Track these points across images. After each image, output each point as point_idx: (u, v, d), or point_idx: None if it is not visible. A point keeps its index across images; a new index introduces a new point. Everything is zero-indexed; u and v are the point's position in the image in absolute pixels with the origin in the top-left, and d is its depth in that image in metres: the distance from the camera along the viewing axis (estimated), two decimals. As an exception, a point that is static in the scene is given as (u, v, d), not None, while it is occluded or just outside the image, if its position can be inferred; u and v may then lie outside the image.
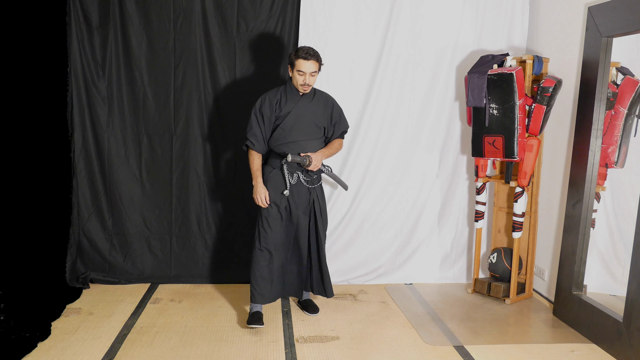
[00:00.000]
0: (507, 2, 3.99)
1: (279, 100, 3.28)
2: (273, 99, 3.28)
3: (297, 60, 3.16)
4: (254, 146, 3.27)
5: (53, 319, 3.33)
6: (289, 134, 3.27)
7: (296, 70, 3.18)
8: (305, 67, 3.16)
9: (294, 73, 3.22)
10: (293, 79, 3.25)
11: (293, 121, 3.27)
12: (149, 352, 2.95)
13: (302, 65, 3.16)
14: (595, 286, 3.45)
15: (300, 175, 3.32)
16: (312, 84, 3.24)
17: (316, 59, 3.18)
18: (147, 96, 3.93)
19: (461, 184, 4.15)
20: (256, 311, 3.34)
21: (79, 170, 3.92)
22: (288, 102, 3.28)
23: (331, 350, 3.02)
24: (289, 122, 3.27)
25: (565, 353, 3.05)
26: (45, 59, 3.72)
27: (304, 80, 3.19)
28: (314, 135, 3.34)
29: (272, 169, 3.33)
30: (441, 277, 4.18)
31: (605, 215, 3.43)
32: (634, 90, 3.26)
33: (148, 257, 4.04)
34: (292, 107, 3.27)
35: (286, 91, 3.30)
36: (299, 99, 3.29)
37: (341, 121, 3.46)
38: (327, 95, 3.45)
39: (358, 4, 3.89)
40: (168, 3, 3.86)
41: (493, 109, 3.56)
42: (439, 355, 3.00)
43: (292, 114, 3.26)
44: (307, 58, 3.15)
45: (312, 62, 3.16)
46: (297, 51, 3.18)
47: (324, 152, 3.33)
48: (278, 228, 3.32)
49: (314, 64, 3.17)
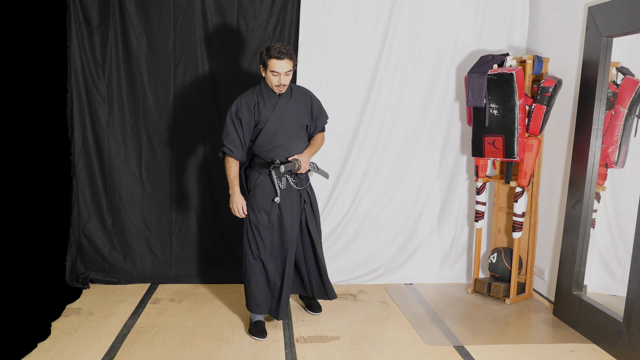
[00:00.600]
0: (507, 2, 3.99)
1: (256, 103, 3.11)
2: (250, 102, 3.10)
3: (270, 60, 2.99)
4: (232, 153, 3.10)
5: (53, 319, 3.33)
6: (272, 138, 3.13)
7: (269, 71, 3.02)
8: (279, 67, 2.99)
9: (267, 74, 3.05)
10: (267, 79, 3.09)
11: (275, 125, 3.13)
12: (149, 352, 2.95)
13: (276, 65, 2.99)
14: (595, 286, 3.45)
15: (289, 178, 3.20)
16: (287, 84, 3.09)
17: (290, 57, 3.01)
18: (147, 96, 3.93)
19: (461, 184, 4.15)
20: (258, 321, 3.23)
21: (79, 170, 3.92)
22: (266, 105, 3.12)
23: (331, 350, 3.02)
24: (271, 127, 3.12)
25: (565, 353, 3.05)
26: (45, 59, 3.72)
27: (278, 80, 3.03)
28: (298, 135, 3.21)
29: (259, 175, 3.19)
30: (441, 277, 4.18)
31: (606, 215, 3.43)
32: (634, 90, 3.26)
33: (148, 257, 4.05)
34: (271, 111, 3.12)
35: (262, 93, 3.13)
36: (277, 100, 3.14)
37: (321, 114, 3.33)
38: (304, 89, 3.33)
39: (358, 4, 3.89)
40: (168, 3, 3.86)
41: (493, 109, 3.56)
42: (439, 355, 3.00)
43: (272, 118, 3.11)
44: (281, 57, 2.98)
45: (286, 61, 3.00)
46: (269, 50, 3.01)
47: (310, 152, 3.21)
48: (270, 236, 3.19)
49: (288, 63, 3.01)
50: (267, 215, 3.18)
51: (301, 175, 3.27)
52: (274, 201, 3.16)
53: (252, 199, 3.21)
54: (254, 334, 3.16)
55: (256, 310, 3.23)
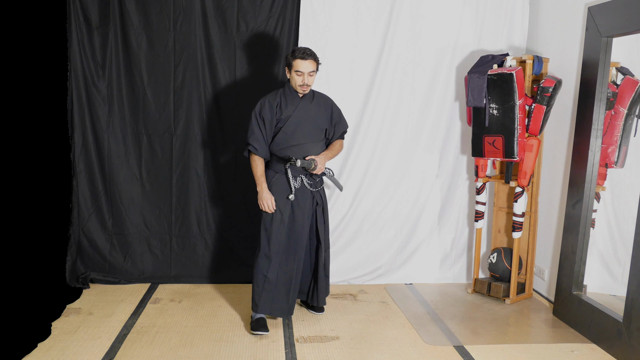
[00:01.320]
0: (507, 2, 3.99)
1: (279, 103, 3.22)
2: (273, 102, 3.22)
3: (295, 60, 3.12)
4: (257, 151, 3.19)
5: (53, 319, 3.33)
6: (291, 137, 3.21)
7: (294, 70, 3.14)
8: (303, 67, 3.12)
9: (291, 74, 3.18)
10: (291, 80, 3.21)
11: (295, 124, 3.22)
12: (149, 352, 2.95)
13: (300, 65, 3.12)
14: (595, 286, 3.45)
15: (304, 179, 3.26)
16: (311, 84, 3.20)
17: (314, 59, 3.15)
18: (147, 96, 3.93)
19: (461, 184, 4.15)
20: (260, 317, 3.26)
21: (79, 170, 3.92)
22: (288, 105, 3.22)
23: (331, 350, 3.02)
24: (290, 125, 3.21)
25: (565, 353, 3.05)
26: (45, 59, 3.72)
27: (302, 80, 3.15)
28: (316, 137, 3.29)
29: (275, 174, 3.26)
30: (441, 277, 4.18)
31: (605, 215, 3.43)
32: (634, 90, 3.26)
33: (148, 257, 4.04)
34: (293, 110, 3.22)
35: (285, 94, 3.24)
36: (299, 101, 3.24)
37: (341, 121, 3.43)
38: (326, 96, 3.42)
39: (358, 4, 3.89)
40: (168, 3, 3.86)
41: (493, 109, 3.56)
42: (439, 355, 3.00)
43: (293, 117, 3.21)
44: (305, 58, 3.11)
45: (310, 61, 3.13)
46: (294, 52, 3.15)
47: (327, 155, 3.29)
48: (281, 234, 3.23)
49: (311, 64, 3.14)
50: (280, 213, 3.23)
51: (316, 177, 3.31)
52: (288, 198, 3.21)
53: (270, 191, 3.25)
54: (257, 329, 3.18)
55: (260, 309, 3.25)
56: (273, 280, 3.25)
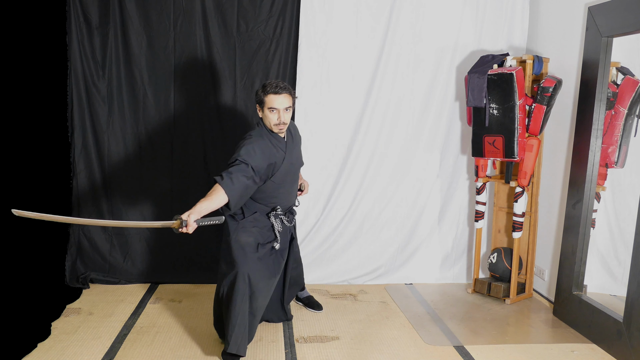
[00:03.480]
0: (507, 2, 3.99)
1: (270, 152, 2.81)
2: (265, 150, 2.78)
3: (267, 96, 2.75)
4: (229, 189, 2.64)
5: (53, 319, 3.33)
6: (279, 185, 2.93)
7: (267, 108, 2.76)
8: (277, 103, 2.74)
9: (264, 112, 2.79)
10: (264, 119, 2.82)
11: (285, 172, 2.91)
12: (149, 352, 2.95)
13: (274, 101, 2.74)
14: (595, 286, 3.45)
15: (283, 219, 3.02)
16: (288, 123, 2.82)
17: (288, 92, 2.78)
18: (147, 96, 3.93)
19: (461, 184, 4.15)
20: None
21: (79, 170, 3.92)
22: (278, 151, 2.86)
23: (331, 350, 3.02)
24: (280, 175, 2.89)
25: (565, 353, 3.05)
26: (45, 59, 3.72)
27: (278, 118, 2.77)
28: (297, 177, 3.09)
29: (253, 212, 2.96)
30: (441, 277, 4.18)
31: (606, 215, 3.43)
32: (634, 90, 3.26)
33: (148, 257, 4.04)
34: (282, 157, 2.86)
35: (270, 139, 2.83)
36: (284, 145, 2.89)
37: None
38: (295, 125, 3.14)
39: (358, 4, 3.89)
40: (168, 3, 3.86)
41: (493, 109, 3.56)
42: (439, 355, 3.00)
43: (284, 165, 2.87)
44: (279, 92, 2.74)
45: (285, 95, 2.76)
46: (265, 87, 2.78)
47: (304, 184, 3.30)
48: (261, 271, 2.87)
49: (287, 98, 2.77)
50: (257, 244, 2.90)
51: (293, 212, 3.16)
52: (274, 247, 2.95)
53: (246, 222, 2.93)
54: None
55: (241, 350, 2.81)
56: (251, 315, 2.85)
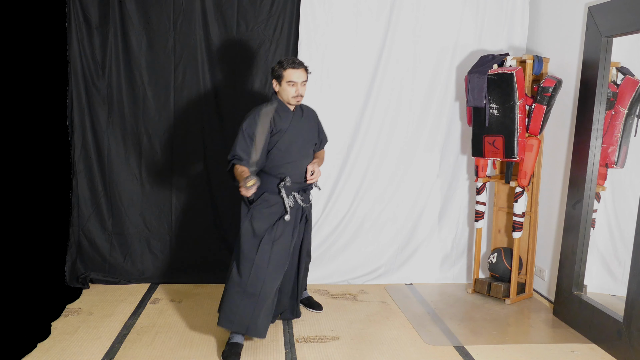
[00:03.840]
0: (507, 2, 3.99)
1: (272, 118, 2.99)
2: (266, 117, 2.96)
3: (286, 70, 2.96)
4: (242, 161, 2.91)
5: (53, 319, 3.33)
6: (285, 154, 3.04)
7: (286, 81, 2.97)
8: (295, 77, 2.96)
9: (282, 86, 2.99)
10: (282, 92, 3.02)
11: (289, 140, 3.04)
12: (149, 352, 2.95)
13: (292, 74, 2.96)
14: (595, 286, 3.45)
15: (296, 196, 3.09)
16: (304, 95, 3.04)
17: (304, 67, 3.01)
18: (147, 96, 3.93)
19: (461, 184, 4.15)
20: (235, 343, 2.94)
21: (78, 170, 3.92)
22: (282, 119, 3.03)
23: (331, 350, 3.02)
24: (285, 142, 3.03)
25: (565, 353, 3.05)
26: (45, 59, 3.72)
27: (296, 91, 2.98)
28: (308, 152, 3.16)
29: (263, 192, 3.04)
30: (441, 277, 4.18)
31: (606, 215, 3.43)
32: (634, 90, 3.26)
33: (148, 257, 4.04)
34: (287, 125, 3.04)
35: (276, 109, 3.03)
36: (291, 115, 3.07)
37: (324, 134, 3.35)
38: (311, 108, 3.30)
39: (358, 4, 3.89)
40: (168, 3, 3.86)
41: (493, 109, 3.56)
42: (439, 355, 3.00)
43: (288, 133, 3.03)
44: (296, 67, 2.97)
45: (302, 70, 2.99)
46: (282, 62, 2.98)
47: (319, 163, 3.18)
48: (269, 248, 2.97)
49: (303, 72, 3.00)
50: (268, 226, 3.01)
51: (308, 191, 3.21)
52: (283, 219, 3.02)
53: (255, 209, 3.02)
54: (227, 357, 2.85)
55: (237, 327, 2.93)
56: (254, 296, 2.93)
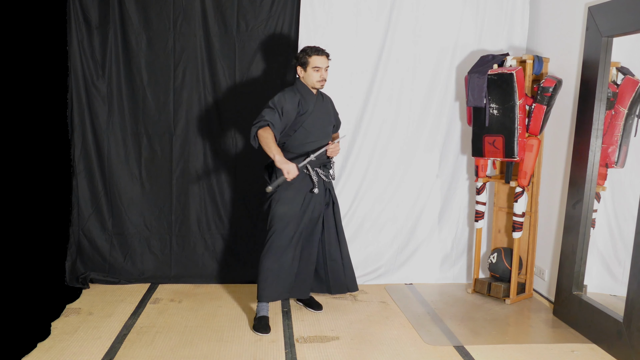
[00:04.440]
0: (507, 2, 3.99)
1: (300, 100, 3.29)
2: (294, 98, 3.27)
3: (311, 57, 3.24)
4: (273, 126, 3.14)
5: (53, 319, 3.33)
6: (309, 133, 3.32)
7: (312, 67, 3.25)
8: (320, 62, 3.24)
9: (307, 71, 3.27)
10: (307, 77, 3.29)
11: (314, 120, 3.33)
12: (149, 352, 2.95)
13: (317, 61, 3.24)
14: (595, 286, 3.45)
15: (319, 171, 3.37)
16: (327, 79, 3.33)
17: (327, 54, 3.29)
18: (147, 96, 3.93)
19: (461, 184, 4.15)
20: (262, 316, 3.29)
21: (78, 171, 3.92)
22: (308, 102, 3.32)
23: (331, 350, 3.02)
24: (310, 122, 3.31)
25: (565, 353, 3.05)
26: (45, 59, 3.72)
27: (320, 76, 3.26)
28: (328, 133, 3.45)
29: None
30: (441, 277, 4.18)
31: (606, 215, 3.43)
32: (634, 90, 3.26)
33: (148, 257, 4.04)
34: (312, 107, 3.32)
35: (301, 92, 3.32)
36: (315, 98, 3.35)
37: (338, 117, 3.62)
38: (326, 94, 3.54)
39: (358, 4, 3.89)
40: (168, 3, 3.86)
41: (493, 109, 3.56)
42: (439, 355, 3.00)
43: (313, 114, 3.32)
44: (321, 54, 3.26)
45: (325, 57, 3.28)
46: (307, 50, 3.27)
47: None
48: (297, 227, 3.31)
49: (326, 59, 3.28)
50: (296, 208, 3.30)
51: (329, 168, 3.44)
52: (312, 192, 3.31)
53: (282, 193, 3.30)
54: (258, 329, 3.21)
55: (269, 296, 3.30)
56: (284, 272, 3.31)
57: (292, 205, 3.29)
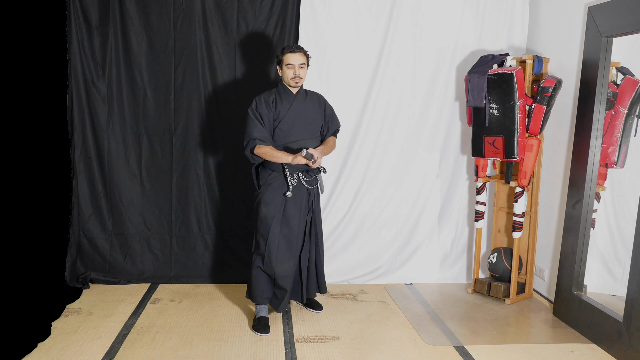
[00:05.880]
0: (507, 2, 3.99)
1: (274, 100, 3.26)
2: (268, 99, 3.26)
3: (285, 55, 3.21)
4: (264, 142, 3.19)
5: (53, 319, 3.33)
6: (288, 134, 3.26)
7: (285, 65, 3.21)
8: (293, 59, 3.19)
9: (283, 70, 3.25)
10: (283, 76, 3.27)
11: (291, 120, 3.26)
12: (149, 352, 2.95)
13: (290, 58, 3.19)
14: (595, 286, 3.45)
15: (300, 175, 3.29)
16: (304, 78, 3.26)
17: (303, 52, 3.23)
18: (147, 96, 3.93)
19: (461, 184, 4.15)
20: (262, 317, 3.31)
21: (78, 171, 3.92)
22: (283, 102, 3.27)
23: (331, 350, 3.02)
24: (287, 122, 3.25)
25: (565, 353, 3.05)
26: (45, 59, 3.72)
27: (294, 73, 3.21)
28: (312, 133, 3.34)
29: (271, 172, 3.28)
30: (441, 277, 4.18)
31: (605, 215, 3.43)
32: (634, 90, 3.26)
33: (148, 257, 4.04)
34: (288, 107, 3.26)
35: (279, 92, 3.30)
36: (294, 98, 3.29)
37: (333, 119, 3.48)
38: (318, 94, 3.47)
39: (358, 4, 3.89)
40: (168, 3, 3.86)
41: (493, 109, 3.56)
42: (439, 355, 3.00)
43: (289, 114, 3.26)
44: (294, 51, 3.20)
45: (300, 54, 3.21)
46: (283, 48, 3.25)
47: (323, 150, 3.31)
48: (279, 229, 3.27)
49: (301, 56, 3.22)
50: (276, 210, 3.26)
51: (312, 174, 3.34)
52: (285, 195, 3.23)
53: (262, 195, 3.28)
54: (258, 329, 3.22)
55: (260, 299, 3.31)
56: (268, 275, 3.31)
57: (271, 207, 3.25)
